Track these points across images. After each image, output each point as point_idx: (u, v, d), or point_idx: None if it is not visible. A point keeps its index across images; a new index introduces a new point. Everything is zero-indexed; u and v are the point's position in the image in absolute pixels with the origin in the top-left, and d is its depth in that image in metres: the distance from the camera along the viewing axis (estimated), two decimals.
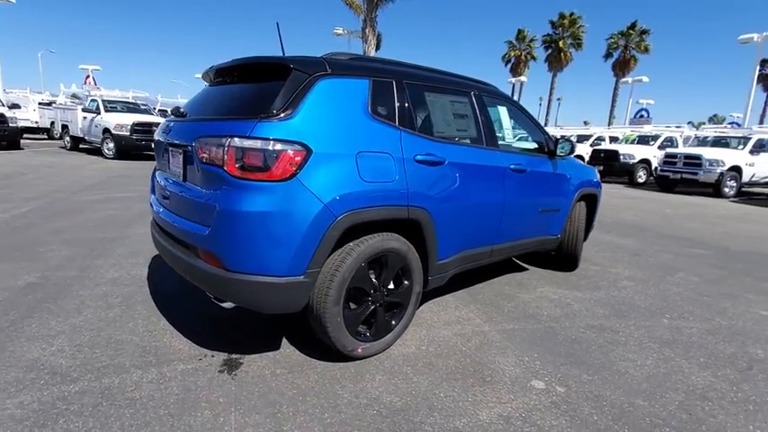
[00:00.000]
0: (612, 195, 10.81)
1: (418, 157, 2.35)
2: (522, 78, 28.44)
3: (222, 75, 2.44)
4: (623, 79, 27.44)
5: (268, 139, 1.83)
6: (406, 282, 2.41)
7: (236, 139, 1.85)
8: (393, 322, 2.41)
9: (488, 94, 3.12)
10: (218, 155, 1.89)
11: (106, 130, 11.77)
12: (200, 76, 2.69)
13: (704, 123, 36.13)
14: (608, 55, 31.00)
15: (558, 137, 3.67)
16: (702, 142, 14.11)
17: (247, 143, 1.84)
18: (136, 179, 8.75)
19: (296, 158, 1.86)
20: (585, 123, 49.95)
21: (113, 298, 2.93)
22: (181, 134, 2.21)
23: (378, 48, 17.39)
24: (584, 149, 16.28)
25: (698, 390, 2.22)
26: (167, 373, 2.08)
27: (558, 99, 51.16)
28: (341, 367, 2.24)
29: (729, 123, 27.18)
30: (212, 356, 2.28)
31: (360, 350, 2.26)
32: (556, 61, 30.51)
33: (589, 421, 1.92)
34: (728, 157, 12.00)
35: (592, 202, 4.22)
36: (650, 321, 3.09)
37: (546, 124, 33.84)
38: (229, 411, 1.84)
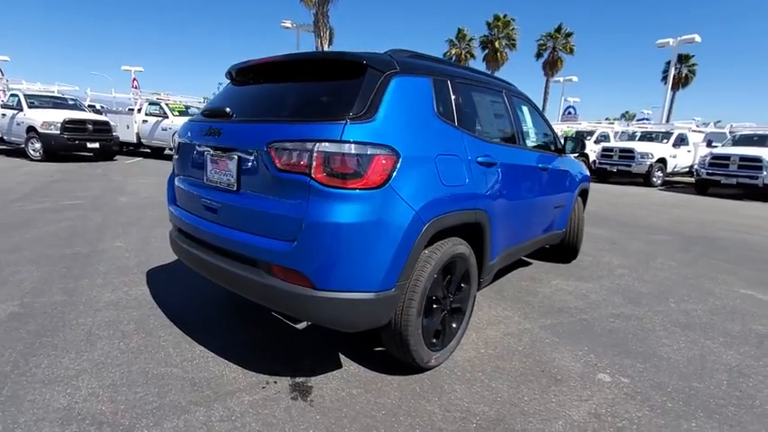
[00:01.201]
0: None
1: (479, 159, 2.31)
2: None
3: (269, 72, 2.20)
4: (555, 78, 29.54)
5: (360, 143, 1.68)
6: (464, 285, 2.37)
7: (325, 143, 1.66)
8: (455, 326, 2.36)
9: (515, 93, 3.15)
10: (302, 161, 1.69)
11: (31, 129, 10.28)
12: (228, 75, 2.40)
13: (617, 119, 39.82)
14: (538, 55, 33.17)
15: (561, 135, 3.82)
16: (631, 137, 15.60)
17: (338, 148, 1.66)
18: (78, 183, 7.76)
19: (388, 163, 1.73)
20: None
21: (125, 324, 2.55)
22: (237, 137, 1.95)
23: (330, 43, 16.99)
24: None
25: (734, 368, 2.43)
26: (236, 408, 1.85)
27: None
28: (416, 380, 2.14)
29: (638, 119, 30.40)
30: (275, 382, 2.06)
31: (433, 360, 2.18)
32: (493, 60, 32.02)
33: (666, 408, 2.02)
34: (656, 150, 13.39)
35: (585, 196, 4.47)
36: (661, 306, 3.33)
37: None
38: None
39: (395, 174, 1.75)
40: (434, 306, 2.14)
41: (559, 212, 3.77)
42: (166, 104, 13.08)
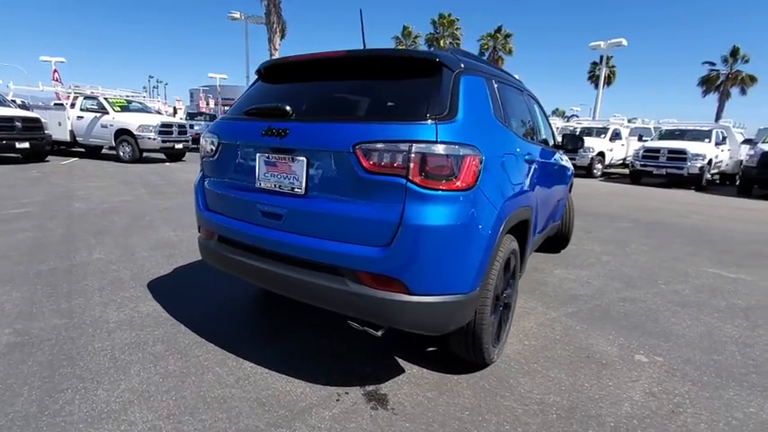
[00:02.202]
0: None
1: (526, 157, 2.36)
2: None
3: (326, 69, 2.07)
4: None
5: (453, 144, 1.64)
6: (512, 281, 2.43)
7: (421, 144, 1.61)
8: (505, 321, 2.41)
9: (529, 92, 3.26)
10: (396, 163, 1.62)
11: None
12: (267, 71, 2.22)
13: (550, 116, 42.57)
14: (481, 54, 34.54)
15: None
16: (572, 132, 16.86)
17: (434, 148, 1.62)
18: (16, 189, 6.82)
19: (476, 163, 1.71)
20: None
21: (152, 346, 2.29)
22: (309, 138, 1.81)
23: (283, 36, 16.39)
24: None
25: (738, 340, 2.73)
26: (320, 425, 1.75)
27: None
28: (481, 378, 2.16)
29: (569, 116, 32.88)
30: (346, 393, 1.98)
31: (495, 356, 2.21)
32: None
33: (704, 381, 2.22)
34: (596, 144, 14.57)
35: (571, 189, 4.76)
36: (654, 288, 3.65)
37: None
38: None
39: (481, 174, 1.74)
40: (497, 303, 2.17)
41: (560, 205, 3.98)
42: (105, 99, 11.84)
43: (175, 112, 27.84)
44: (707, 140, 12.88)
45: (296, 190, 1.87)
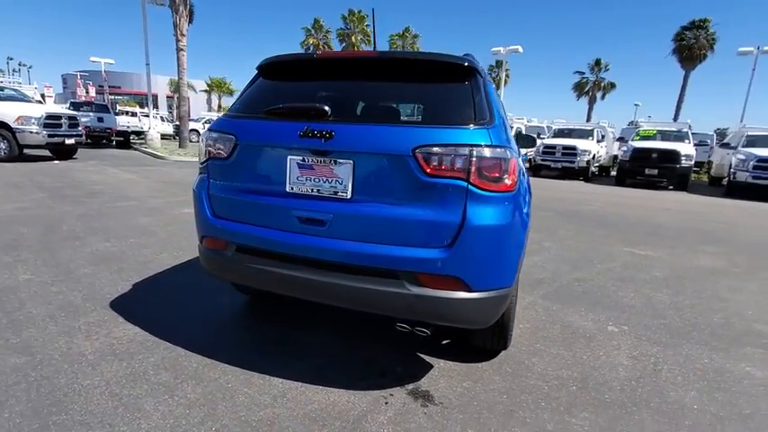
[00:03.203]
0: None
1: (524, 157, 2.58)
2: None
3: (343, 67, 2.00)
4: None
5: (503, 147, 1.74)
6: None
7: (480, 148, 1.68)
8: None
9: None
10: (457, 166, 1.67)
11: None
12: (280, 66, 2.05)
13: None
14: None
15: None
16: None
17: (491, 152, 1.70)
18: None
19: (516, 165, 1.84)
20: None
21: (155, 375, 2.01)
22: (361, 141, 1.73)
23: (190, 21, 14.84)
24: None
25: (671, 305, 3.33)
26: (381, 430, 1.73)
27: None
28: (500, 363, 2.33)
29: None
30: (391, 395, 1.98)
31: (509, 343, 2.39)
32: None
33: (663, 342, 2.67)
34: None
35: None
36: (594, 268, 4.22)
37: None
38: None
39: (519, 175, 1.87)
40: None
41: None
42: None
43: (43, 99, 23.64)
44: (590, 138, 15.09)
45: (340, 194, 1.81)
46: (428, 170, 1.69)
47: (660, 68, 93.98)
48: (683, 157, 12.24)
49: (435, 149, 1.69)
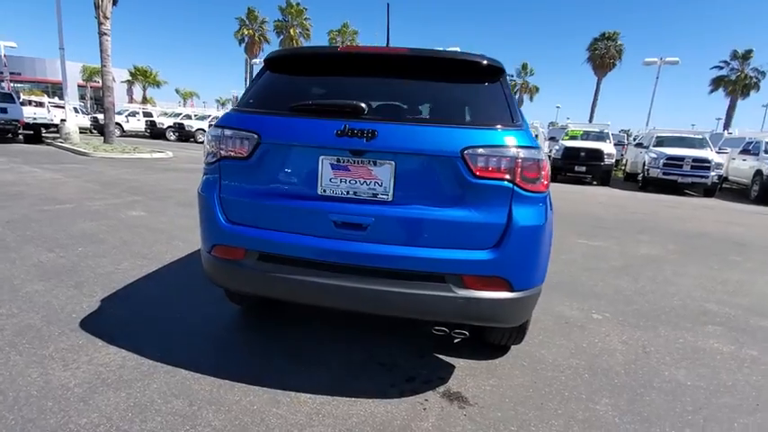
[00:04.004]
0: None
1: None
2: None
3: (369, 63, 1.90)
4: None
5: (538, 149, 1.77)
6: None
7: (523, 149, 1.69)
8: None
9: None
10: (503, 167, 1.67)
11: None
12: (296, 60, 1.88)
13: None
14: None
15: None
16: None
17: (532, 154, 1.72)
18: None
19: (548, 167, 1.88)
20: None
21: (166, 403, 1.78)
22: (408, 141, 1.65)
23: (115, 2, 13.20)
24: None
25: (636, 291, 3.67)
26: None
27: None
28: (514, 357, 2.39)
29: None
30: (426, 400, 1.95)
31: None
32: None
33: (642, 326, 2.94)
34: None
35: None
36: (560, 259, 4.53)
37: None
38: (540, 427, 1.78)
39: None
40: None
41: None
42: None
43: None
44: None
45: (380, 196, 1.72)
46: (476, 171, 1.67)
47: (577, 74, 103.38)
48: (606, 156, 13.56)
49: (483, 151, 1.68)
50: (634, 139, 17.81)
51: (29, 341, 2.17)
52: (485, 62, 1.86)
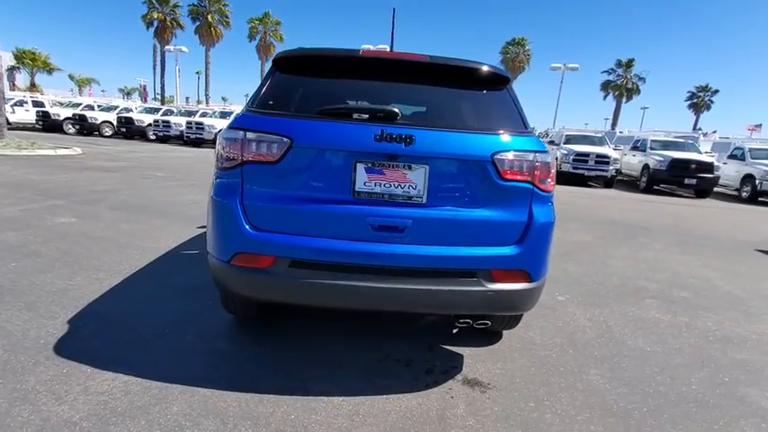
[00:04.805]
0: None
1: None
2: (183, 48, 25.98)
3: (388, 68, 1.93)
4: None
5: (548, 152, 1.97)
6: None
7: (539, 153, 1.87)
8: None
9: None
10: (524, 170, 1.83)
11: None
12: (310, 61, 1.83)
13: None
14: (251, 37, 33.26)
15: None
16: None
17: (546, 157, 1.90)
18: None
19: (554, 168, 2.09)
20: (224, 99, 51.93)
21: (194, 426, 1.65)
22: (443, 145, 1.71)
23: None
24: None
25: (589, 275, 4.17)
26: (465, 423, 1.82)
27: (197, 73, 50.04)
28: (509, 340, 2.62)
29: None
30: (450, 389, 2.07)
31: None
32: (207, 35, 29.64)
33: (602, 304, 3.38)
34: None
35: None
36: None
37: (207, 101, 32.75)
38: (552, 400, 2.00)
39: None
40: None
41: None
42: None
43: None
44: None
45: (415, 199, 1.79)
46: (503, 174, 1.82)
47: None
48: None
49: (510, 155, 1.83)
50: (547, 136, 19.78)
51: (2, 375, 1.86)
52: (497, 71, 2.01)
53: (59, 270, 3.13)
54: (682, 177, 12.35)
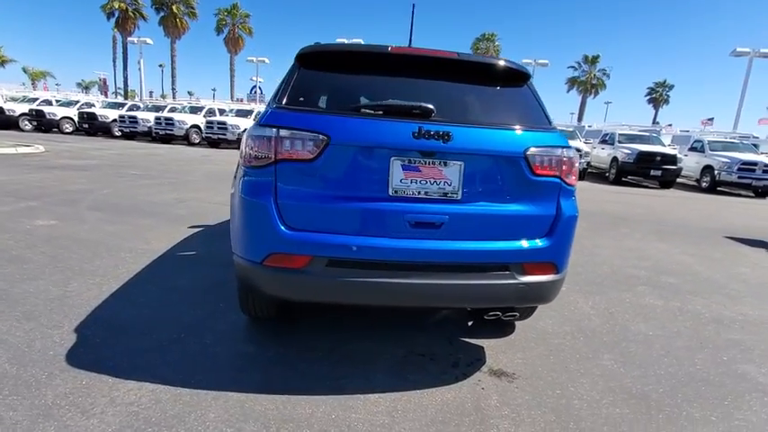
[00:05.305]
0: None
1: None
2: (148, 40, 24.72)
3: (419, 66, 1.93)
4: (249, 57, 29.82)
5: (571, 147, 2.02)
6: None
7: (566, 149, 1.92)
8: None
9: None
10: (553, 165, 1.88)
11: None
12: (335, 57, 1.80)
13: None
14: (219, 30, 32.09)
15: None
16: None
17: (571, 153, 1.96)
18: None
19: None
20: (190, 94, 50.07)
21: (245, 424, 1.61)
22: (479, 142, 1.72)
23: None
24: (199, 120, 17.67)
25: (581, 264, 4.33)
26: (501, 413, 1.87)
27: (160, 66, 48.04)
28: (524, 330, 2.69)
29: None
30: (479, 381, 2.11)
31: None
32: (173, 27, 28.34)
33: (600, 291, 3.52)
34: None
35: None
36: None
37: (174, 95, 31.43)
38: (576, 386, 2.07)
39: None
40: None
41: None
42: None
43: None
44: None
45: (450, 195, 1.80)
46: (535, 169, 1.86)
47: None
48: None
49: (541, 151, 1.87)
50: None
51: (12, 392, 1.74)
52: (520, 68, 2.05)
53: (51, 276, 2.95)
54: (648, 169, 12.98)
